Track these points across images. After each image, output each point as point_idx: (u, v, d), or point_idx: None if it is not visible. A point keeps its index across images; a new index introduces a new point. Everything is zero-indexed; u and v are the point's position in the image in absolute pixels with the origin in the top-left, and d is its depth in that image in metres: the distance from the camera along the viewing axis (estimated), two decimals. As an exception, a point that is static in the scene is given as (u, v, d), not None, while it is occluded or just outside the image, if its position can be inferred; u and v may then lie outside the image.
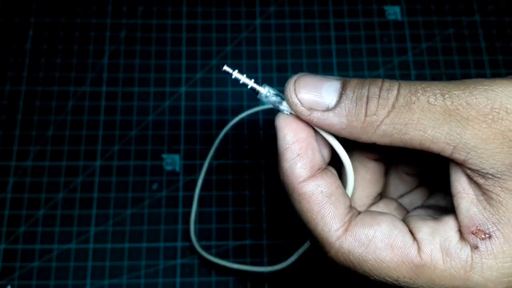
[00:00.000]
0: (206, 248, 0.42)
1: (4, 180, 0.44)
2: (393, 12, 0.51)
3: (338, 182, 0.21)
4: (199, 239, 0.43)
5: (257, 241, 0.43)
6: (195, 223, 0.43)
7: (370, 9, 0.51)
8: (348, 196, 0.21)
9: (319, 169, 0.20)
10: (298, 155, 0.20)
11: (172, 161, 0.45)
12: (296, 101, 0.20)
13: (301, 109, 0.20)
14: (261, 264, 0.42)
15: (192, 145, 0.45)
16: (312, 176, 0.20)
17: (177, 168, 0.45)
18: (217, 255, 0.42)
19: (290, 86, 0.20)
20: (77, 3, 0.50)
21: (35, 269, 0.41)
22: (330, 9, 0.51)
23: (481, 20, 0.50)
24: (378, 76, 0.48)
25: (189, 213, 0.43)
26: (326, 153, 0.22)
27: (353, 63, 0.48)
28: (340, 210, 0.20)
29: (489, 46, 0.49)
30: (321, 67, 0.48)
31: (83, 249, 0.42)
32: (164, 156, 0.45)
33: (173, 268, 0.42)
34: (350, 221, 0.20)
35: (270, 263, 0.42)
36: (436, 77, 0.48)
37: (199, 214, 0.43)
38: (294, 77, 0.20)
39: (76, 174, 0.44)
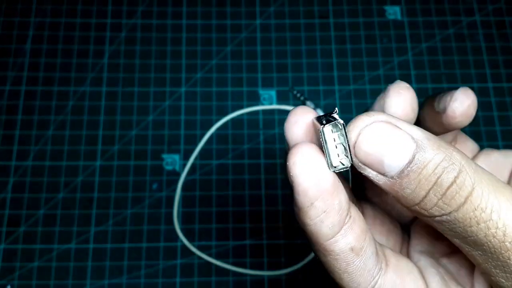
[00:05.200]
0: (206, 248, 0.42)
1: (4, 180, 0.44)
2: (393, 12, 0.51)
3: (365, 225, 0.18)
4: (199, 239, 0.43)
5: (257, 241, 0.43)
6: (181, 223, 0.43)
7: (370, 9, 0.51)
8: (374, 242, 0.18)
9: (347, 216, 0.17)
10: (324, 212, 0.16)
11: (172, 161, 0.45)
12: (352, 155, 0.16)
13: (354, 162, 0.16)
14: (261, 264, 0.42)
15: (192, 145, 0.45)
16: (340, 230, 0.17)
17: (177, 168, 0.45)
18: (217, 255, 0.42)
19: (352, 136, 0.16)
20: (77, 3, 0.50)
21: (35, 269, 0.41)
22: (330, 9, 0.51)
23: (481, 20, 0.50)
24: (378, 76, 0.48)
25: (189, 213, 0.43)
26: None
27: (353, 63, 0.48)
28: (368, 267, 0.18)
29: (489, 46, 0.49)
30: (321, 67, 0.48)
31: (83, 249, 0.42)
32: (164, 156, 0.45)
33: (173, 268, 0.42)
34: (377, 281, 0.18)
35: (270, 263, 0.42)
36: (436, 77, 0.48)
37: (198, 214, 0.43)
38: (360, 126, 0.16)
39: (76, 174, 0.44)
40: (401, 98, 0.18)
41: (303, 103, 0.47)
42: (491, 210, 0.15)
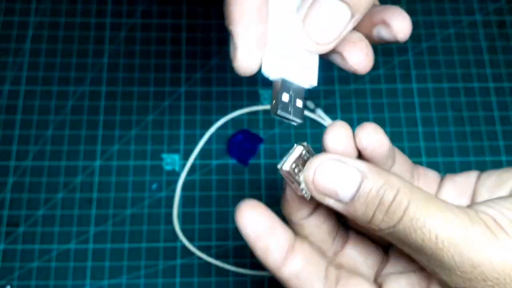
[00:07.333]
0: (206, 249, 0.42)
1: (4, 180, 0.44)
2: (394, 11, 0.50)
3: (311, 254, 0.22)
4: (199, 239, 0.42)
5: (257, 241, 0.43)
6: (181, 223, 0.43)
7: (370, 8, 0.50)
8: (323, 269, 0.22)
9: (290, 249, 0.22)
10: (266, 249, 0.21)
11: (172, 161, 0.45)
12: (312, 189, 0.20)
13: (315, 194, 0.20)
14: (261, 264, 0.42)
15: (192, 145, 0.45)
16: (285, 261, 0.21)
17: (177, 168, 0.45)
18: (217, 255, 0.42)
19: (309, 173, 0.20)
20: (77, 3, 0.50)
21: (34, 270, 0.41)
22: (330, 9, 0.50)
23: (481, 20, 0.50)
24: (378, 75, 0.48)
25: (189, 214, 0.43)
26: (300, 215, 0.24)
27: (353, 62, 0.48)
28: (315, 286, 0.22)
29: (490, 46, 0.49)
30: (320, 67, 0.48)
31: (82, 249, 0.42)
32: (164, 156, 0.45)
33: (172, 268, 0.42)
34: None
35: (270, 263, 0.42)
36: (436, 77, 0.48)
37: (198, 214, 0.43)
38: (315, 165, 0.20)
39: (75, 174, 0.44)
40: (338, 136, 0.22)
41: (304, 103, 0.47)
42: (424, 219, 0.19)
